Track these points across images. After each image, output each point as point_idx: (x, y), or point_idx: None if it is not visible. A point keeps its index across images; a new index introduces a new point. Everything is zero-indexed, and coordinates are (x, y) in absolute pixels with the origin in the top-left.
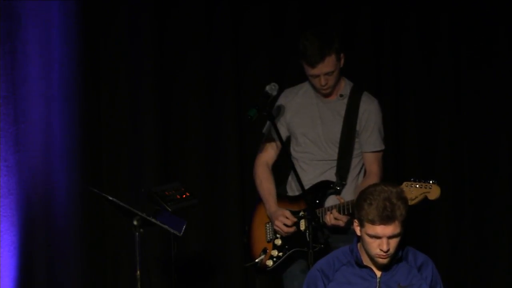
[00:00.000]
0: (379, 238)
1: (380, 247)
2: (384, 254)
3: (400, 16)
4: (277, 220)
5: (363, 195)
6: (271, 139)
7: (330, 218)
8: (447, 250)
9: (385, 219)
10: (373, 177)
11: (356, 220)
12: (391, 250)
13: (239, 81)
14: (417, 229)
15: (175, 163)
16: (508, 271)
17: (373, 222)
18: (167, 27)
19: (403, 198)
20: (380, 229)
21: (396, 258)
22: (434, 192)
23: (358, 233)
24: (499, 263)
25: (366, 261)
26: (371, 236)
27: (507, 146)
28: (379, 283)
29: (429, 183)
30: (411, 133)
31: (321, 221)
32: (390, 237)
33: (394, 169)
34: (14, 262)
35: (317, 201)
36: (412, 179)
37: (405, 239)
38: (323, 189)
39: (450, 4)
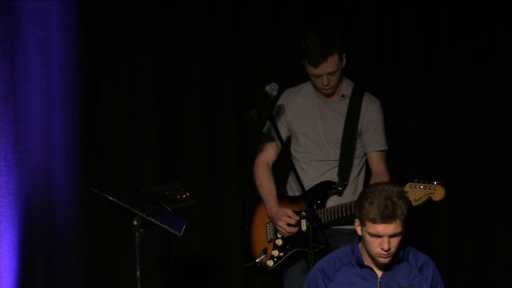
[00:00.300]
0: (380, 237)
1: (381, 246)
2: (385, 253)
3: (400, 16)
4: (279, 220)
5: (364, 194)
6: (271, 139)
7: None
8: (448, 250)
9: (386, 218)
10: (382, 177)
11: (357, 220)
12: (392, 249)
13: (239, 81)
14: (418, 229)
15: (175, 163)
16: (508, 271)
17: (374, 221)
18: (167, 27)
19: (404, 197)
20: (381, 228)
21: (397, 258)
22: (438, 193)
23: (359, 232)
24: (499, 263)
25: (367, 261)
26: (372, 235)
27: (507, 147)
28: (380, 283)
29: (433, 184)
30: (411, 133)
31: (322, 221)
32: (391, 236)
33: (394, 169)
34: (14, 262)
35: (319, 202)
36: (416, 180)
37: (406, 240)
38: (325, 189)
39: (450, 4)
